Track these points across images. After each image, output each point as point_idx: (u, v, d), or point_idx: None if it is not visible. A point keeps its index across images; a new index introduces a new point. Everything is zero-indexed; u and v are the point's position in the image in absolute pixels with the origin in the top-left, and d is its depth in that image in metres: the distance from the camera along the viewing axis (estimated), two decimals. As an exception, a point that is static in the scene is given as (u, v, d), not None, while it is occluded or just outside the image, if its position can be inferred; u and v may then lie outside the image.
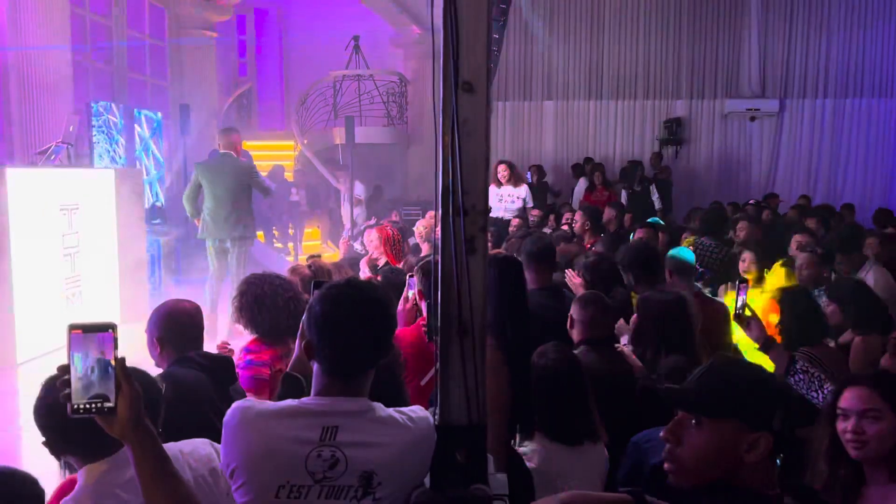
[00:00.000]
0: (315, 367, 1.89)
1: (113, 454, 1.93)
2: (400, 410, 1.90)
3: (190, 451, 2.05)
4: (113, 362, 1.51)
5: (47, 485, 2.22)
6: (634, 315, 3.47)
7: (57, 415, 2.00)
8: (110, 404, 1.51)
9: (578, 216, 7.02)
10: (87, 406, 1.50)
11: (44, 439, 2.00)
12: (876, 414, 2.04)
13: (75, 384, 1.50)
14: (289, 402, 1.88)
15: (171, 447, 1.90)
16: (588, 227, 6.87)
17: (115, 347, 1.52)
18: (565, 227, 7.81)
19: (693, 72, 14.31)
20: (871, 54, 13.93)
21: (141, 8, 11.71)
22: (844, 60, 14.00)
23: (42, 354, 6.33)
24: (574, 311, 3.47)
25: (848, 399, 2.10)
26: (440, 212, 1.86)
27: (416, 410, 1.92)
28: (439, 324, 1.90)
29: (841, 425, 2.09)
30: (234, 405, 1.87)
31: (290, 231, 13.11)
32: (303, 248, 12.71)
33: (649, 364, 3.28)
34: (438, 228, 1.91)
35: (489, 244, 5.07)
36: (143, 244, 8.41)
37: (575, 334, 3.46)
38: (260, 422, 1.82)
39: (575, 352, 3.35)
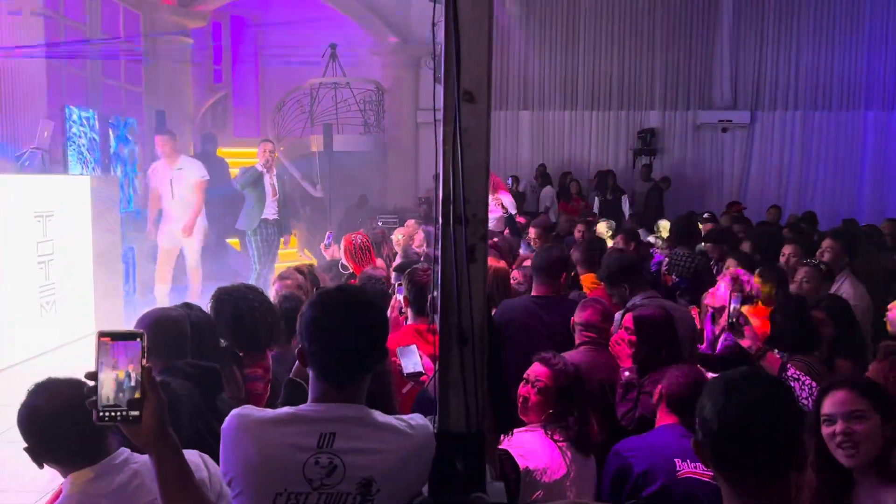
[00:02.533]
0: (310, 373, 1.88)
1: (98, 462, 1.91)
2: (399, 417, 1.90)
3: None
4: (140, 371, 1.51)
5: (32, 495, 2.20)
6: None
7: (39, 421, 1.98)
8: (136, 413, 1.51)
9: (532, 231, 7.06)
10: (113, 414, 1.50)
11: (26, 446, 1.97)
12: (861, 414, 2.07)
13: (102, 391, 1.50)
14: (286, 409, 1.87)
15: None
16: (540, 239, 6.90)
17: (143, 356, 1.52)
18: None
19: (666, 83, 14.53)
20: (839, 68, 14.26)
21: (115, 13, 11.59)
22: (814, 74, 14.31)
23: (17, 363, 6.21)
24: (576, 314, 3.57)
25: (832, 404, 2.13)
26: (441, 221, 1.87)
27: (416, 418, 1.91)
28: (438, 332, 1.91)
29: (827, 431, 2.11)
30: (231, 413, 1.85)
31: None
32: (279, 256, 12.61)
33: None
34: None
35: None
36: (119, 252, 8.31)
37: (577, 336, 3.56)
38: (257, 429, 1.80)
39: (575, 352, 3.45)
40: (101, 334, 1.50)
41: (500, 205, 8.77)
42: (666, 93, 14.57)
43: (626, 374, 3.35)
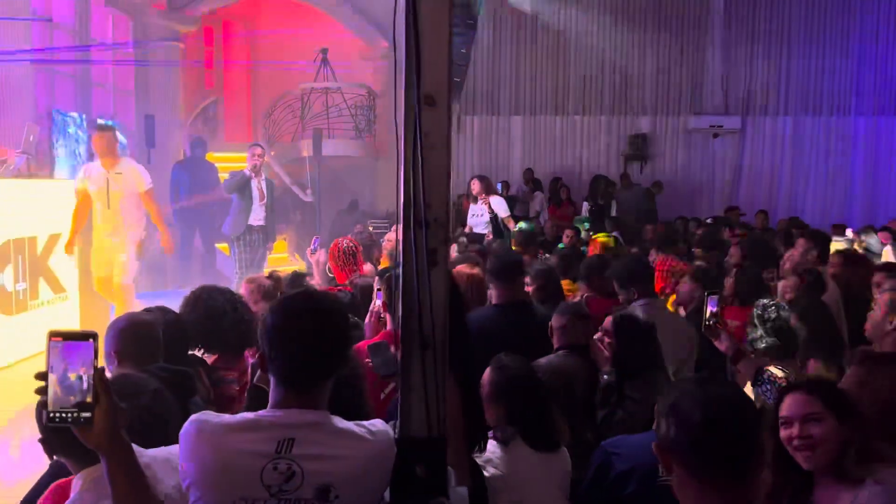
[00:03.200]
0: (271, 379, 1.88)
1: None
2: (359, 423, 1.88)
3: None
4: (92, 373, 1.49)
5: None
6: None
7: None
8: (87, 415, 1.49)
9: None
10: (63, 415, 1.49)
11: (41, 437, 1.99)
12: (817, 416, 2.08)
13: (52, 392, 1.48)
14: (244, 414, 1.87)
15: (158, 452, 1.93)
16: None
17: (95, 357, 1.50)
18: None
19: (658, 89, 14.57)
20: (829, 74, 14.32)
21: (105, 18, 11.58)
22: (804, 79, 14.37)
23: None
24: (553, 319, 3.57)
25: (788, 406, 2.14)
26: (401, 224, 1.86)
27: (376, 423, 1.91)
28: (400, 336, 1.90)
29: (785, 433, 2.12)
30: (190, 418, 1.84)
31: (256, 244, 12.98)
32: (268, 260, 12.60)
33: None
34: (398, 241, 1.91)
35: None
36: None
37: (554, 341, 3.55)
38: (215, 435, 1.79)
39: (553, 356, 3.44)
40: (52, 334, 1.48)
41: (488, 209, 8.76)
42: (657, 98, 14.62)
43: (605, 377, 3.35)
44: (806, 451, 2.07)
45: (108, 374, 1.88)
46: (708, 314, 3.30)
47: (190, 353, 3.23)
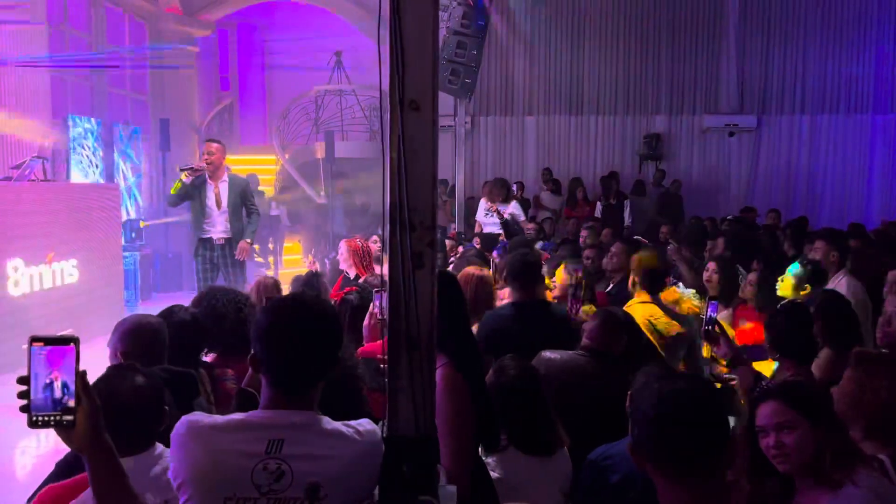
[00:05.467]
0: (262, 380, 1.91)
1: (137, 454, 2.00)
2: (347, 423, 1.91)
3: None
4: (73, 377, 1.53)
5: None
6: None
7: (106, 408, 2.01)
8: (69, 417, 1.52)
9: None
10: (46, 419, 1.52)
11: None
12: (790, 424, 2.08)
13: (35, 396, 1.51)
14: (235, 415, 1.90)
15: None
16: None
17: (77, 361, 1.54)
18: None
19: (672, 88, 14.47)
20: (845, 71, 14.16)
21: (120, 23, 11.71)
22: (821, 77, 14.21)
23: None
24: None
25: (762, 416, 2.13)
26: (387, 227, 1.89)
27: (364, 423, 1.93)
28: (388, 338, 1.93)
29: (763, 442, 2.13)
30: (182, 419, 1.88)
31: (270, 246, 13.11)
32: (283, 262, 12.70)
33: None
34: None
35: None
36: (120, 259, 8.38)
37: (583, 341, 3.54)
38: (206, 436, 1.83)
39: (573, 352, 3.42)
40: (34, 339, 1.52)
41: (495, 212, 8.79)
42: (672, 97, 14.51)
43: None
44: (780, 458, 2.08)
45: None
46: (707, 319, 3.29)
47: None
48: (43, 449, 5.15)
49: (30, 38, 8.59)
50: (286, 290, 4.66)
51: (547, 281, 5.05)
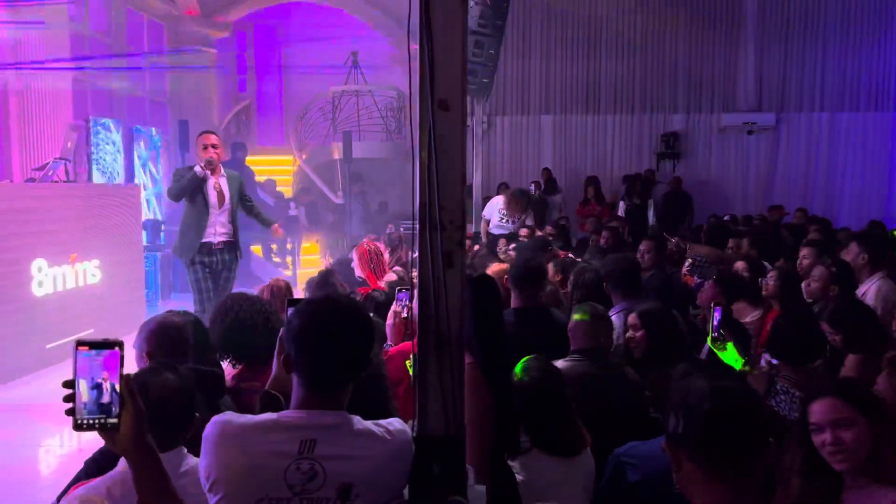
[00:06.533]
0: (294, 380, 1.91)
1: (165, 451, 1.96)
2: (378, 423, 1.91)
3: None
4: (118, 380, 1.54)
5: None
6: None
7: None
8: (114, 420, 1.54)
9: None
10: (91, 422, 1.53)
11: None
12: (848, 421, 2.07)
13: (80, 400, 1.53)
14: (267, 415, 1.90)
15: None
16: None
17: (122, 365, 1.55)
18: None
19: (690, 86, 14.40)
20: (865, 68, 14.04)
21: (139, 25, 11.80)
22: (840, 74, 14.10)
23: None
24: (571, 321, 3.55)
25: (818, 413, 2.12)
26: (417, 227, 1.89)
27: (394, 423, 1.93)
28: (417, 337, 1.93)
29: (817, 439, 2.11)
30: (213, 419, 1.88)
31: (289, 246, 13.16)
32: (301, 262, 12.75)
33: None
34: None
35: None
36: (141, 259, 8.44)
37: (571, 342, 3.53)
38: (239, 436, 1.83)
39: (568, 359, 3.41)
40: (79, 343, 1.54)
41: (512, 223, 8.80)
42: (689, 95, 14.45)
43: None
44: (839, 455, 2.06)
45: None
46: (714, 325, 3.25)
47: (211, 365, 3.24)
48: (66, 448, 5.21)
49: (51, 41, 8.68)
50: (296, 292, 4.61)
51: None
